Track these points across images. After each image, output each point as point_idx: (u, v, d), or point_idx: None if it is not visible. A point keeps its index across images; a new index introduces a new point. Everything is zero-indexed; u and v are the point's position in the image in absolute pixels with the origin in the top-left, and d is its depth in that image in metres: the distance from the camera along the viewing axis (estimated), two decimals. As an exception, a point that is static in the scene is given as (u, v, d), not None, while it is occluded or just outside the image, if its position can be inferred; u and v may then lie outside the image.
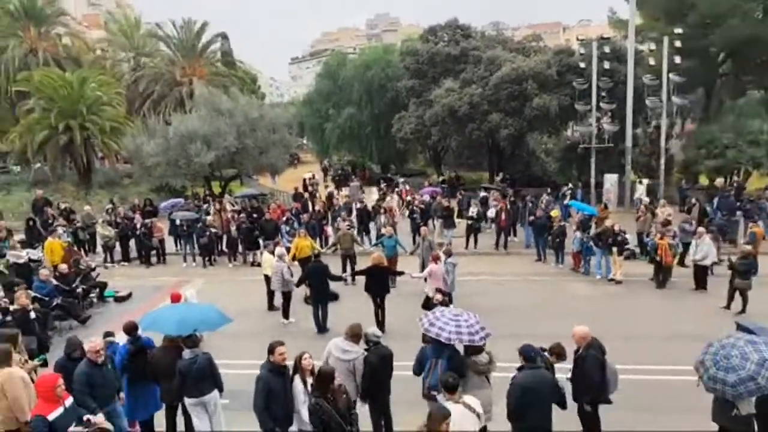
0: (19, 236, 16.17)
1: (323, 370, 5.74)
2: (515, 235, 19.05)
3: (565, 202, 22.00)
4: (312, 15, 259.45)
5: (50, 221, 18.27)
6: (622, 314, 11.86)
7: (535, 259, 16.82)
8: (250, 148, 23.89)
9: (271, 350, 6.05)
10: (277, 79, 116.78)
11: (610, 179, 24.54)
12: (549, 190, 22.85)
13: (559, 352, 6.42)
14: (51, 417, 5.26)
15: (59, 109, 25.15)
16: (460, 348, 6.52)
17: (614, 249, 14.19)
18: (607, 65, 24.76)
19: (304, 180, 30.01)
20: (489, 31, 36.45)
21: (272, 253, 12.34)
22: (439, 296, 9.20)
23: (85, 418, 5.46)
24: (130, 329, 7.29)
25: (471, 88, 26.78)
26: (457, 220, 19.25)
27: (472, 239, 18.13)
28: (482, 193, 22.73)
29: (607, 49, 25.10)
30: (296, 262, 13.52)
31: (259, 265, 14.01)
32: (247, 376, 8.51)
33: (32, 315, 9.30)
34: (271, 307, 12.48)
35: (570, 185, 23.84)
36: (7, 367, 6.44)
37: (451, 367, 6.34)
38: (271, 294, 12.45)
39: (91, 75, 27.75)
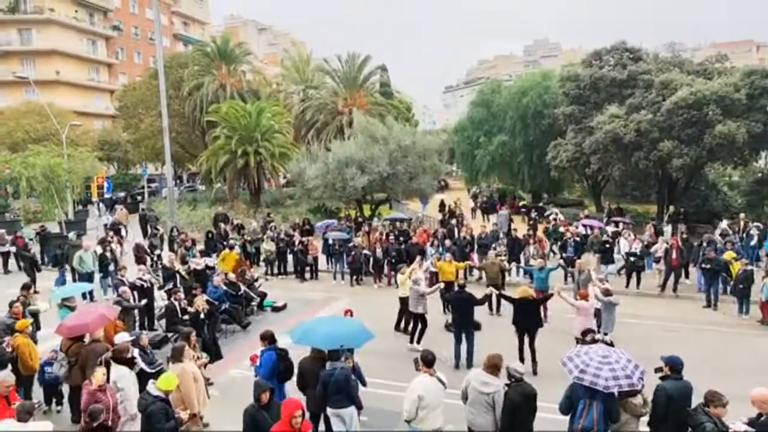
0: (200, 246, 18.39)
1: None
2: (687, 276, 16.91)
3: (753, 243, 19.13)
4: (468, 43, 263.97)
5: (225, 234, 20.60)
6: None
7: (703, 305, 14.81)
8: (400, 174, 24.52)
9: None
10: (430, 107, 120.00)
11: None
12: (727, 229, 19.94)
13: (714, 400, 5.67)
14: None
15: (239, 136, 28.32)
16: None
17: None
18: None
19: (441, 201, 30.14)
20: (663, 53, 33.31)
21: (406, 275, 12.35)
22: (600, 336, 8.29)
23: None
24: (267, 337, 7.95)
25: (639, 114, 24.58)
26: (616, 256, 17.70)
27: (633, 278, 16.47)
28: (611, 228, 20.58)
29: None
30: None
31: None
32: (379, 396, 8.56)
33: (201, 316, 10.34)
34: (397, 327, 12.64)
35: (759, 224, 20.55)
36: (179, 362, 7.22)
37: (608, 409, 5.89)
38: (401, 314, 12.60)
39: (267, 106, 30.91)
